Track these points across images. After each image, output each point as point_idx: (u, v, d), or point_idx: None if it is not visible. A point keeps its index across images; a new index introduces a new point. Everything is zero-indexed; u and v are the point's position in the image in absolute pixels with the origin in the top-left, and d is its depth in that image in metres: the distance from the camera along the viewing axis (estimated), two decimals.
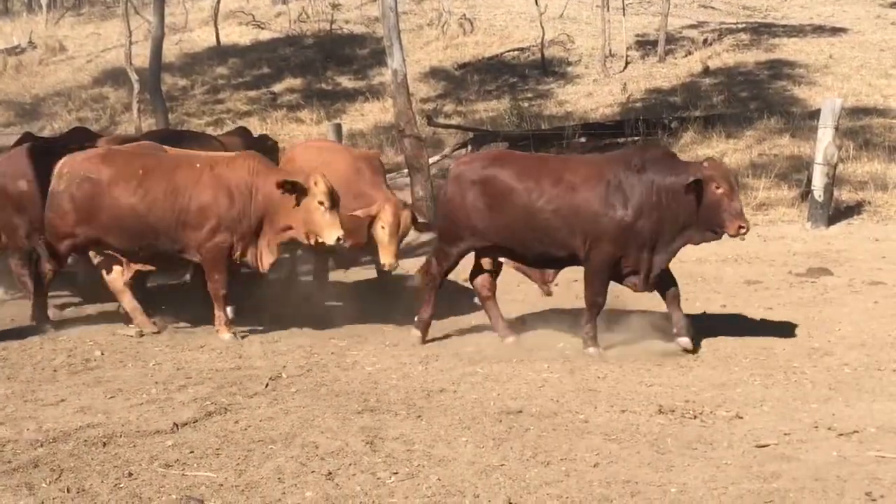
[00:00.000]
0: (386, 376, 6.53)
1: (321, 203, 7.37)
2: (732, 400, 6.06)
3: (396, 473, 4.74)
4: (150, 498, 4.45)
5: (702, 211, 6.98)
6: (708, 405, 5.91)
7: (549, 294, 7.86)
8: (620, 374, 6.70)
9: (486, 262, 7.80)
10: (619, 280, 7.29)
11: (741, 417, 5.70)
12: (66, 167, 7.75)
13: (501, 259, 7.69)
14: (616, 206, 7.04)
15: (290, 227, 7.55)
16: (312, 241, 7.58)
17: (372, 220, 8.01)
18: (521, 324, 8.04)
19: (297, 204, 7.42)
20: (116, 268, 7.88)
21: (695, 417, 5.68)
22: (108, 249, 7.84)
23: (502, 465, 4.87)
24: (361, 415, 5.62)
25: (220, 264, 7.58)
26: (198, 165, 7.66)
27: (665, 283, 7.25)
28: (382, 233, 7.99)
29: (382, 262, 8.09)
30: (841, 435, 5.35)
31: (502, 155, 8.04)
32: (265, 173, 7.60)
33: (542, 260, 7.53)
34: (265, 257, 7.65)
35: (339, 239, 7.43)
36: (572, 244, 7.20)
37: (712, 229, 7.06)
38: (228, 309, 7.72)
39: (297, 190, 7.39)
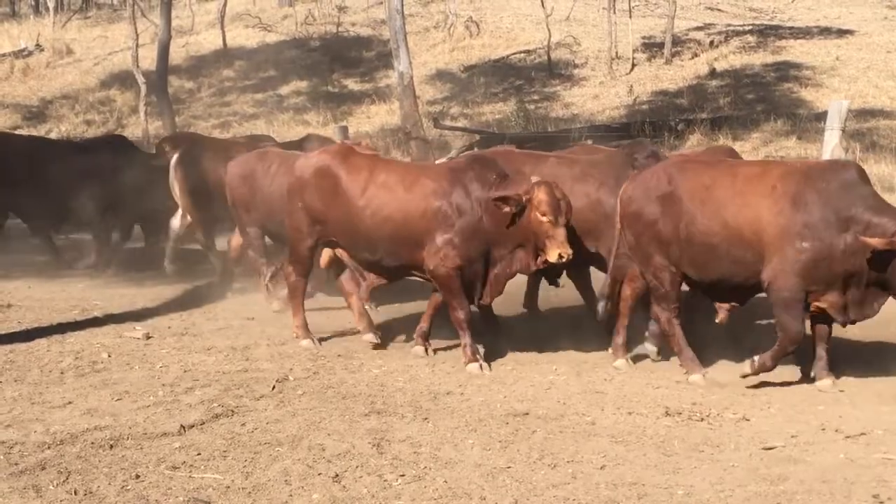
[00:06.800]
0: (392, 379, 6.53)
1: None
2: (739, 402, 6.05)
3: (403, 476, 4.74)
4: (158, 500, 4.45)
5: None
6: (715, 407, 5.90)
7: None
8: (627, 377, 6.69)
9: None
10: None
11: (748, 420, 5.69)
12: None
13: None
14: None
15: None
16: None
17: None
18: None
19: None
20: None
21: (702, 420, 5.67)
22: None
23: (509, 467, 4.86)
24: (368, 417, 5.62)
25: None
26: None
27: None
28: None
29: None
30: (848, 437, 5.34)
31: None
32: None
33: None
34: None
35: None
36: None
37: None
38: None
39: None
